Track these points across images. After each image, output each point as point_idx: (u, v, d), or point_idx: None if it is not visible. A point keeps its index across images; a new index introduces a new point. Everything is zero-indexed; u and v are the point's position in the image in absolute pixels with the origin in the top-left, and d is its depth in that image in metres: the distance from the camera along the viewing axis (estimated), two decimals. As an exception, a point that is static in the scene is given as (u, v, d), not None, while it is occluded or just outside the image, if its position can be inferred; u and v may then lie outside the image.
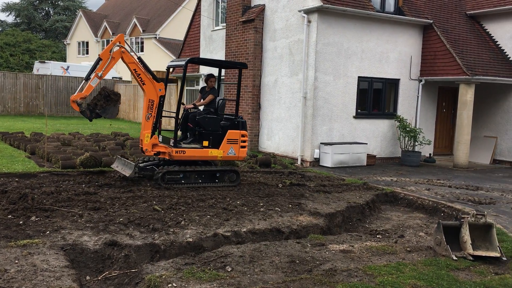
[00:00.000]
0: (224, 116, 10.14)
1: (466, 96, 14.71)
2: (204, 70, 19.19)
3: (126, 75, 34.85)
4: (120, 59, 9.07)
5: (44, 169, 10.60)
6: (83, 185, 9.15)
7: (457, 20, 16.56)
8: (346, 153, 13.96)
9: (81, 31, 45.02)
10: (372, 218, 8.85)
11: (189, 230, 6.57)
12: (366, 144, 14.59)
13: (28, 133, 16.88)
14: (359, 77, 14.64)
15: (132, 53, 9.16)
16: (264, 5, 15.73)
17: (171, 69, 10.97)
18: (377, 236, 7.28)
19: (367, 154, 14.52)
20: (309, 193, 9.53)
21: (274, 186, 10.12)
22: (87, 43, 44.44)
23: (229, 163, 10.80)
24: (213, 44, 18.73)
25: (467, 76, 14.31)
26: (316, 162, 14.03)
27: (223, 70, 16.39)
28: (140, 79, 9.11)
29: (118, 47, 8.89)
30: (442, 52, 15.13)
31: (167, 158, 9.52)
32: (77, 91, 8.67)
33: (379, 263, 5.79)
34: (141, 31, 37.02)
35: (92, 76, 8.67)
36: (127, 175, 9.27)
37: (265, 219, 7.34)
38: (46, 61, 33.73)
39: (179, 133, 10.06)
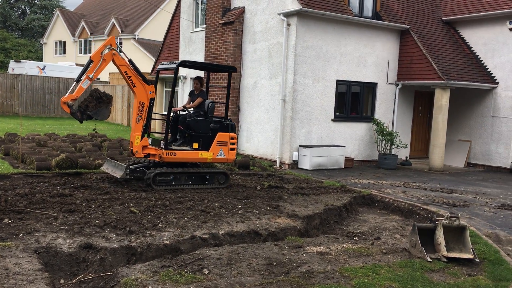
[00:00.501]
0: (214, 118, 10.27)
1: (442, 100, 14.98)
2: (183, 71, 19.10)
3: (104, 75, 34.42)
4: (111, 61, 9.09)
5: (18, 170, 10.39)
6: (58, 187, 9.00)
7: (433, 26, 16.87)
8: (324, 156, 14.06)
9: (58, 30, 44.35)
10: (349, 220, 8.93)
11: (166, 232, 6.52)
12: (344, 147, 14.72)
13: (2, 134, 16.53)
14: (337, 80, 14.78)
15: (123, 56, 9.17)
16: (244, 7, 15.75)
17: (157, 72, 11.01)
18: (354, 238, 7.34)
19: (345, 157, 14.64)
20: (287, 196, 9.56)
21: (252, 189, 10.13)
22: (64, 42, 43.80)
23: (208, 165, 10.78)
24: (193, 46, 18.66)
25: (442, 81, 14.58)
26: (294, 164, 14.09)
27: (202, 73, 16.34)
28: (131, 81, 9.15)
29: (109, 49, 8.90)
30: (419, 57, 15.38)
31: (157, 160, 9.59)
32: (68, 92, 8.63)
33: (356, 265, 5.84)
34: (120, 31, 36.67)
35: (83, 77, 8.65)
36: (118, 176, 9.25)
37: (243, 222, 7.34)
38: (21, 60, 33.10)
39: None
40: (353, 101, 15.39)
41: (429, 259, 6.14)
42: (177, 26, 20.19)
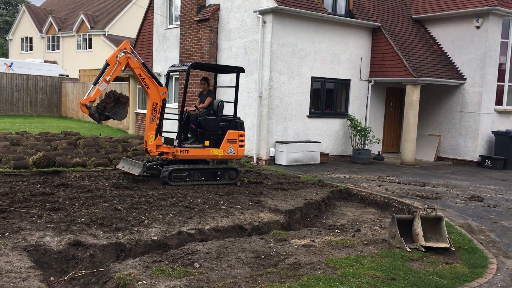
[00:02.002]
0: (223, 117, 10.71)
1: (412, 96, 15.44)
2: (157, 68, 19.01)
3: (74, 72, 33.89)
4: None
5: (-6, 169, 10.23)
6: (38, 186, 8.93)
7: (404, 24, 17.33)
8: (300, 152, 14.31)
9: (25, 26, 43.22)
10: (328, 214, 9.18)
11: (153, 228, 6.60)
12: (320, 142, 15.01)
13: (-28, 133, 16.12)
14: (312, 77, 15.03)
15: (137, 59, 9.53)
16: (219, 4, 15.81)
17: (168, 73, 11.27)
18: (335, 230, 7.59)
19: (321, 152, 14.93)
20: (267, 191, 9.74)
21: (232, 184, 10.28)
22: (31, 39, 42.73)
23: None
24: (167, 43, 18.60)
25: (413, 77, 15.03)
26: (271, 160, 14.29)
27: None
28: (144, 83, 9.59)
29: (124, 53, 9.31)
30: (390, 54, 15.80)
31: (171, 158, 10.04)
32: (86, 95, 9.06)
33: (340, 256, 6.07)
34: (89, 27, 36.04)
35: (100, 80, 9.05)
36: (136, 173, 9.73)
37: (227, 217, 7.48)
38: (-13, 57, 32.20)
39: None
40: (327, 98, 15.69)
41: (408, 249, 6.43)
42: (150, 22, 20.07)
